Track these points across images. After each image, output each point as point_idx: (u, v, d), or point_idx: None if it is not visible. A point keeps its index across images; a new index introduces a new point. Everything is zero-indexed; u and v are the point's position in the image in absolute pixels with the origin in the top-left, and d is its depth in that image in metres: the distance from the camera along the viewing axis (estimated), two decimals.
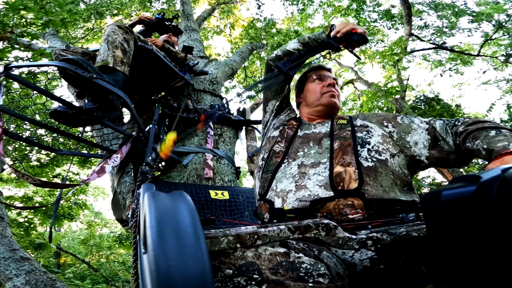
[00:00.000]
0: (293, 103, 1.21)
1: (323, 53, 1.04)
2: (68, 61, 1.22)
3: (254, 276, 0.35)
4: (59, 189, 1.98)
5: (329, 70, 1.15)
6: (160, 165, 1.91)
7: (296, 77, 1.36)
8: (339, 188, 0.70)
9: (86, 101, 1.33)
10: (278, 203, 0.77)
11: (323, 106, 1.02)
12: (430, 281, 0.41)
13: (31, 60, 2.82)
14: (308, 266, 0.40)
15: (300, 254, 0.43)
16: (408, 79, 5.61)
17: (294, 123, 1.06)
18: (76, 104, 1.36)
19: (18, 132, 3.01)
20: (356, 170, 0.72)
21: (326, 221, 0.43)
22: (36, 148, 3.16)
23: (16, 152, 3.25)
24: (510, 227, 0.20)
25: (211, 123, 2.08)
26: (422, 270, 0.39)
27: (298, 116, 1.12)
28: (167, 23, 2.30)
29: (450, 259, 0.24)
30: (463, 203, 0.22)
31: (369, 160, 0.76)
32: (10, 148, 3.27)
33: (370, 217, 0.61)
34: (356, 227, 0.52)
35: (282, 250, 0.42)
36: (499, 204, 0.20)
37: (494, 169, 0.23)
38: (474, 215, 0.21)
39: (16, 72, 1.25)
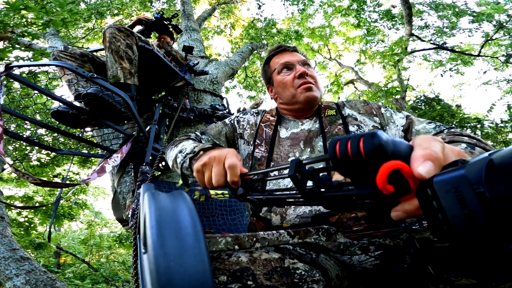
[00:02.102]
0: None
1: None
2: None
3: (248, 282, 0.35)
4: (59, 189, 1.98)
5: (294, 49, 0.92)
6: (160, 165, 1.92)
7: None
8: None
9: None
10: (276, 221, 0.70)
11: (302, 104, 0.85)
12: (432, 281, 0.41)
13: (32, 60, 2.82)
14: (303, 272, 0.40)
15: (295, 260, 0.42)
16: (408, 79, 5.61)
17: (271, 118, 0.91)
18: (77, 104, 1.36)
19: (19, 131, 3.01)
20: None
21: (326, 226, 0.43)
22: (37, 147, 3.16)
23: (17, 152, 3.25)
24: (504, 209, 0.20)
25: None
26: (429, 270, 0.39)
27: (274, 109, 0.95)
28: (165, 23, 2.30)
29: (452, 250, 0.24)
30: (455, 185, 0.23)
31: None
32: (10, 147, 3.27)
33: (373, 227, 0.60)
34: (359, 236, 0.51)
35: (277, 255, 0.42)
36: (490, 184, 0.21)
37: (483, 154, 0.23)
38: (468, 197, 0.22)
39: (16, 71, 1.25)
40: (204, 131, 0.91)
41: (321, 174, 0.38)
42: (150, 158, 1.53)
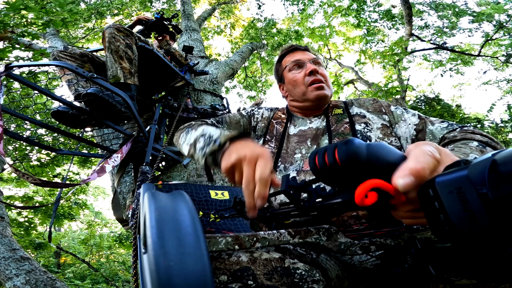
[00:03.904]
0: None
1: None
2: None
3: (249, 282, 0.35)
4: (59, 189, 1.98)
5: (305, 49, 0.94)
6: (160, 165, 1.92)
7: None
8: None
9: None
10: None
11: (312, 102, 0.86)
12: (433, 281, 0.41)
13: (32, 60, 2.82)
14: (303, 272, 0.40)
15: (295, 260, 0.42)
16: (408, 79, 5.61)
17: (283, 116, 0.93)
18: (77, 104, 1.36)
19: (19, 131, 3.01)
20: None
21: (327, 225, 0.42)
22: (37, 147, 3.16)
23: (17, 152, 3.25)
24: (507, 210, 0.20)
25: None
26: (430, 271, 0.39)
27: (285, 107, 0.97)
28: (165, 23, 2.30)
29: (454, 251, 0.24)
30: (458, 186, 0.22)
31: None
32: (10, 147, 3.27)
33: (374, 226, 0.60)
34: (360, 236, 0.51)
35: (277, 255, 0.42)
36: (493, 185, 0.20)
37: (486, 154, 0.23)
38: (471, 198, 0.21)
39: (16, 71, 1.25)
40: (220, 120, 0.89)
41: (314, 185, 0.39)
42: (150, 158, 1.53)
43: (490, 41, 5.67)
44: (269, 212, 0.49)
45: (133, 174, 1.91)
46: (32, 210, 3.94)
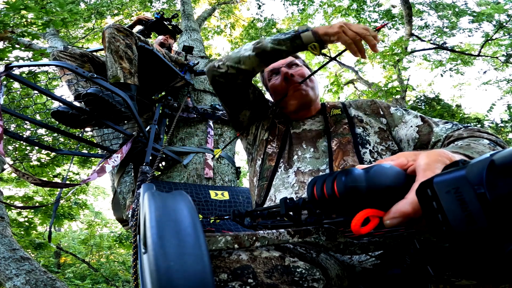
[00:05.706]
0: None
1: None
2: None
3: (249, 280, 0.35)
4: (59, 189, 1.98)
5: None
6: (160, 165, 1.92)
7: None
8: None
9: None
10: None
11: (296, 105, 0.87)
12: (432, 281, 0.41)
13: (32, 60, 2.82)
14: (303, 271, 0.40)
15: (296, 259, 0.42)
16: (408, 79, 5.61)
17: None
18: (77, 104, 1.36)
19: (19, 131, 3.01)
20: None
21: (326, 225, 0.43)
22: (37, 147, 3.16)
23: (17, 152, 3.25)
24: (505, 210, 0.20)
25: (211, 123, 2.09)
26: (428, 271, 0.39)
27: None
28: (166, 23, 2.30)
29: (452, 251, 0.24)
30: (456, 186, 0.22)
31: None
32: (10, 147, 3.27)
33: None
34: (359, 236, 0.52)
35: (277, 254, 0.42)
36: (491, 186, 0.21)
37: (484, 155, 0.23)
38: (469, 198, 0.21)
39: (16, 71, 1.25)
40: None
41: None
42: (150, 158, 1.53)
43: (490, 41, 5.67)
44: (270, 224, 0.51)
45: (133, 174, 1.91)
46: (32, 210, 3.94)
